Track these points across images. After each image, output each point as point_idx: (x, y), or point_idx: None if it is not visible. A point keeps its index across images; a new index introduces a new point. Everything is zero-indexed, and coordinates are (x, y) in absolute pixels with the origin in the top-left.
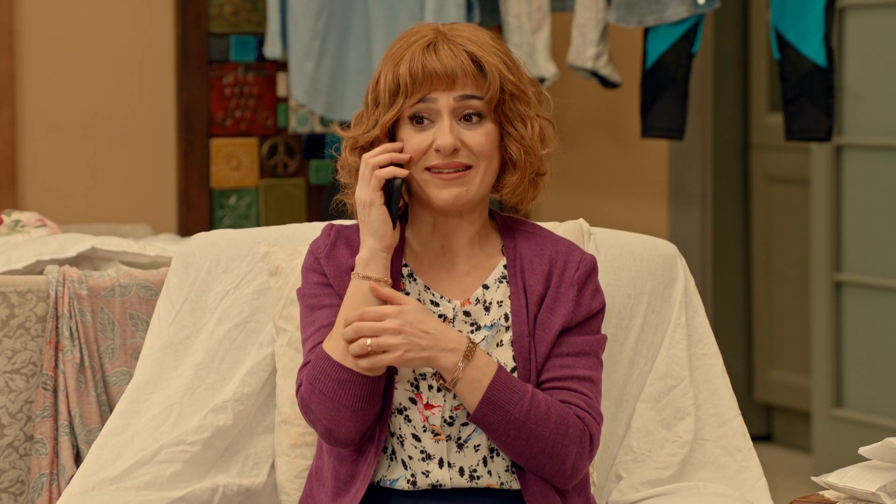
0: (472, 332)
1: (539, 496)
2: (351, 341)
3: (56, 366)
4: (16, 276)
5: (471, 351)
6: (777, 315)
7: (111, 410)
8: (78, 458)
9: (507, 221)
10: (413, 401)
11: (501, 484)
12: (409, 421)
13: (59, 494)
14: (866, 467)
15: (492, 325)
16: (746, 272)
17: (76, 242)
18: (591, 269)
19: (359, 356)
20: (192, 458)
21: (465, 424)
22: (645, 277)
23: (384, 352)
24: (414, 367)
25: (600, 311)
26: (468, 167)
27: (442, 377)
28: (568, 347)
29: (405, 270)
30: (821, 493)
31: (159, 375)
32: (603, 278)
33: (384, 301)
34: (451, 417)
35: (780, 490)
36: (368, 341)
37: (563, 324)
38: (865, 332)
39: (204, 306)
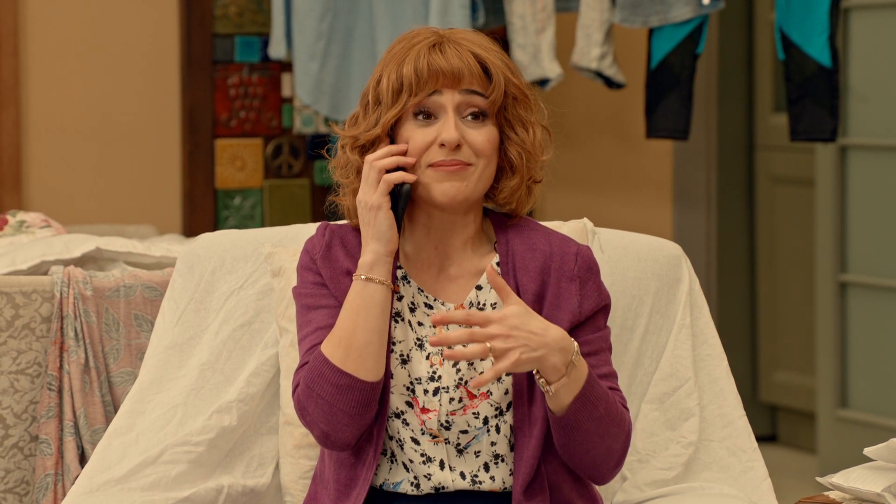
0: None
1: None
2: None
3: (61, 366)
4: (21, 277)
5: (577, 349)
6: (782, 316)
7: (116, 411)
8: (83, 459)
9: (502, 218)
10: (410, 404)
11: (504, 488)
12: (407, 424)
13: (64, 495)
14: (871, 468)
15: None
16: (751, 273)
17: (81, 243)
18: (590, 261)
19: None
20: (197, 459)
21: (463, 432)
22: (649, 278)
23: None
24: (523, 370)
25: (608, 306)
26: (468, 164)
27: (542, 377)
28: (587, 347)
29: (399, 273)
30: (826, 493)
31: (164, 376)
32: (607, 279)
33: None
34: (447, 422)
35: (784, 491)
36: (489, 343)
37: (572, 321)
38: (870, 332)
39: (208, 307)
